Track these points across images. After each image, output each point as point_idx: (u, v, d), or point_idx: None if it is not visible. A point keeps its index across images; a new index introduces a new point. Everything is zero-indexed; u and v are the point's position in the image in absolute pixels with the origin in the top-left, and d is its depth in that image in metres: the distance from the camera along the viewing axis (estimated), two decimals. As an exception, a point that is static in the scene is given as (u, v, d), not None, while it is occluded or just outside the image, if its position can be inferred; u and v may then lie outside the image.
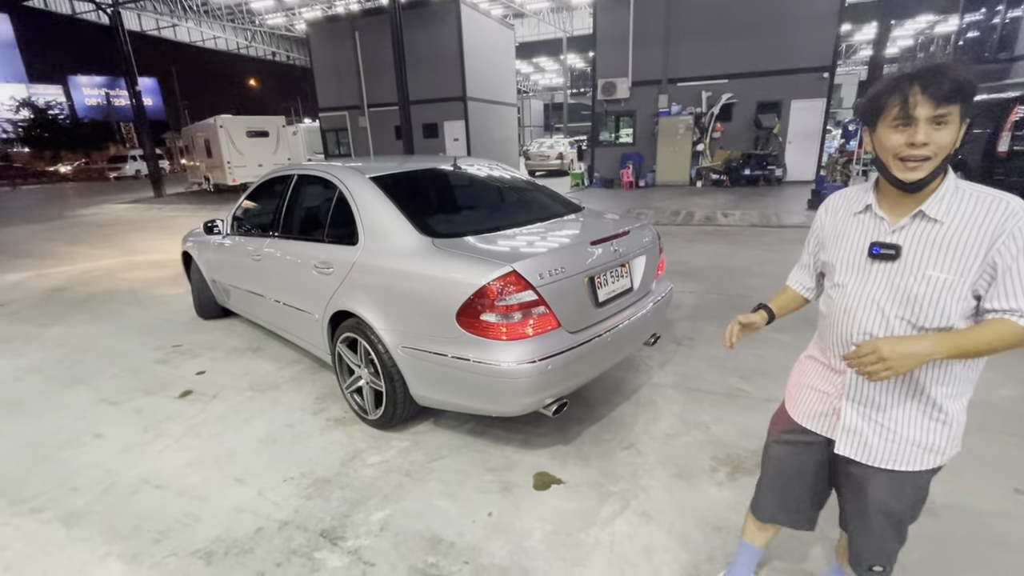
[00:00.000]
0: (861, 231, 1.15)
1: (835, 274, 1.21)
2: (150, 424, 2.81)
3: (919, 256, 1.06)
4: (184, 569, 1.83)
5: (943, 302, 1.04)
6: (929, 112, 0.97)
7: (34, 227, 10.87)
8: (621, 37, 13.63)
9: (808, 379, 1.33)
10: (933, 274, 1.04)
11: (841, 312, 1.18)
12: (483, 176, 3.21)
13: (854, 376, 1.17)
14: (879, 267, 1.11)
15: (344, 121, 18.10)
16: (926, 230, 1.05)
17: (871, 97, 1.04)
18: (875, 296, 1.12)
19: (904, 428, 1.14)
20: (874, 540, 1.26)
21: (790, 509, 1.42)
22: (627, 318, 2.53)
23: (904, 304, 1.08)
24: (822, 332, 1.28)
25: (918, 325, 1.07)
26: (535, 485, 2.23)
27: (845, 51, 32.28)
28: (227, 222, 3.78)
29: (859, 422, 1.18)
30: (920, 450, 1.14)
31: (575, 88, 39.02)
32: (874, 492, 1.20)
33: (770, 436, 1.43)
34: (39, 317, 4.77)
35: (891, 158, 1.03)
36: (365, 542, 1.94)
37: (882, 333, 1.11)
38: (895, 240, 1.09)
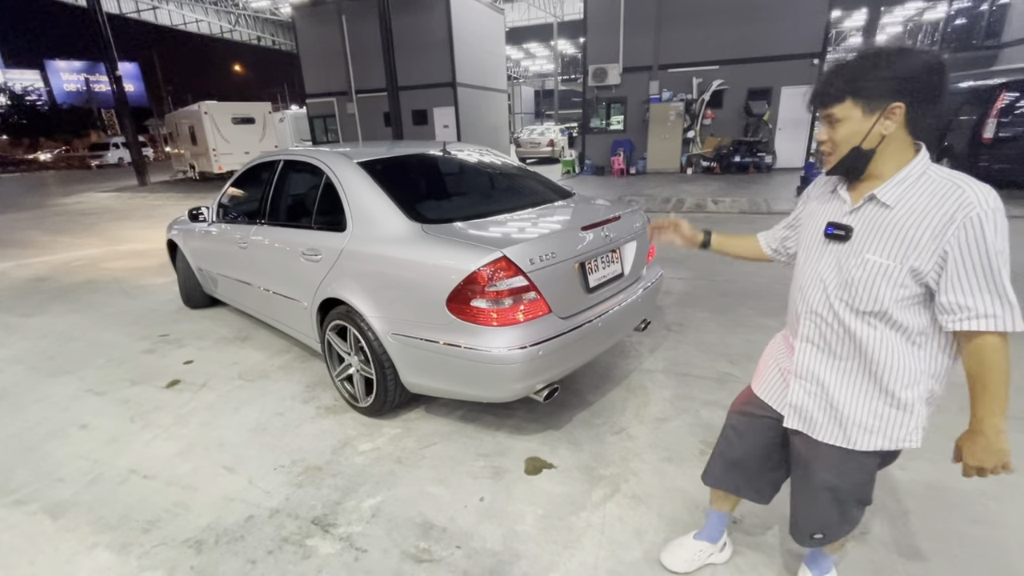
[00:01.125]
0: (825, 210, 1.20)
1: (799, 253, 1.28)
2: (137, 414, 2.78)
3: (864, 239, 1.09)
4: (174, 558, 1.82)
5: (877, 287, 1.06)
6: (821, 112, 1.09)
7: (14, 216, 10.62)
8: (612, 22, 13.49)
9: (775, 354, 1.40)
10: (871, 258, 1.07)
11: (797, 291, 1.24)
12: (473, 162, 3.18)
13: (802, 354, 1.23)
14: (831, 247, 1.15)
15: (332, 107, 17.81)
16: (876, 214, 1.08)
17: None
18: (823, 275, 1.16)
19: (850, 409, 1.17)
20: (816, 513, 1.30)
21: (735, 475, 1.49)
22: (618, 304, 2.53)
23: (844, 286, 1.12)
24: (788, 309, 1.34)
25: (854, 307, 1.11)
26: (527, 470, 2.25)
27: (835, 38, 32.27)
28: (212, 209, 3.71)
29: (805, 399, 1.23)
30: (865, 431, 1.17)
31: (566, 74, 38.70)
32: (818, 468, 1.24)
33: (731, 408, 1.51)
34: (20, 307, 4.67)
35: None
36: (357, 528, 1.94)
37: (825, 312, 1.16)
38: (849, 221, 1.12)
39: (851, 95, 1.03)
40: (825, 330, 1.17)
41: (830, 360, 1.18)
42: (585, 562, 1.75)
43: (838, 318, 1.14)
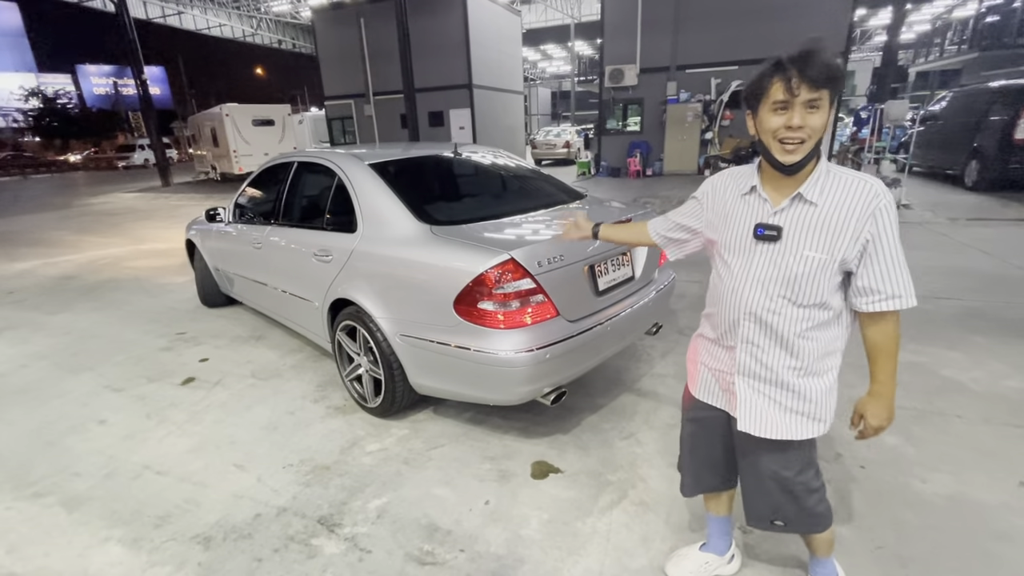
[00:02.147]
0: (747, 212, 1.20)
1: (724, 254, 1.26)
2: (153, 411, 2.83)
3: (798, 237, 1.13)
4: (183, 553, 1.85)
5: (818, 280, 1.12)
6: (805, 96, 1.03)
7: (44, 216, 10.97)
8: (629, 23, 13.39)
9: (701, 357, 1.40)
10: (810, 254, 1.11)
11: (730, 291, 1.23)
12: (484, 163, 3.18)
13: (743, 354, 1.24)
14: (763, 248, 1.17)
15: (350, 109, 18.02)
16: (804, 212, 1.12)
17: (754, 82, 1.10)
18: (760, 276, 1.18)
19: (792, 400, 1.22)
20: (769, 500, 1.34)
21: (707, 478, 1.52)
22: (628, 307, 2.50)
23: (785, 283, 1.15)
24: (711, 311, 1.34)
25: (797, 302, 1.15)
26: (533, 474, 2.23)
27: (859, 37, 31.56)
28: (229, 210, 3.77)
29: (752, 396, 1.25)
30: (804, 418, 1.23)
31: (583, 76, 38.58)
32: (763, 459, 1.30)
33: (682, 416, 1.53)
34: (46, 305, 4.82)
35: (772, 140, 1.09)
36: (362, 529, 1.94)
37: (765, 311, 1.18)
38: (777, 221, 1.15)
39: (829, 85, 1.04)
40: (767, 328, 1.19)
41: (774, 354, 1.21)
42: (590, 569, 1.73)
43: (779, 314, 1.17)
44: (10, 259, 6.83)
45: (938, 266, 4.87)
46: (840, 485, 2.07)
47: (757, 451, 1.30)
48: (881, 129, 8.05)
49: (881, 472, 2.14)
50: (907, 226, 6.69)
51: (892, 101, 7.65)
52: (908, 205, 7.89)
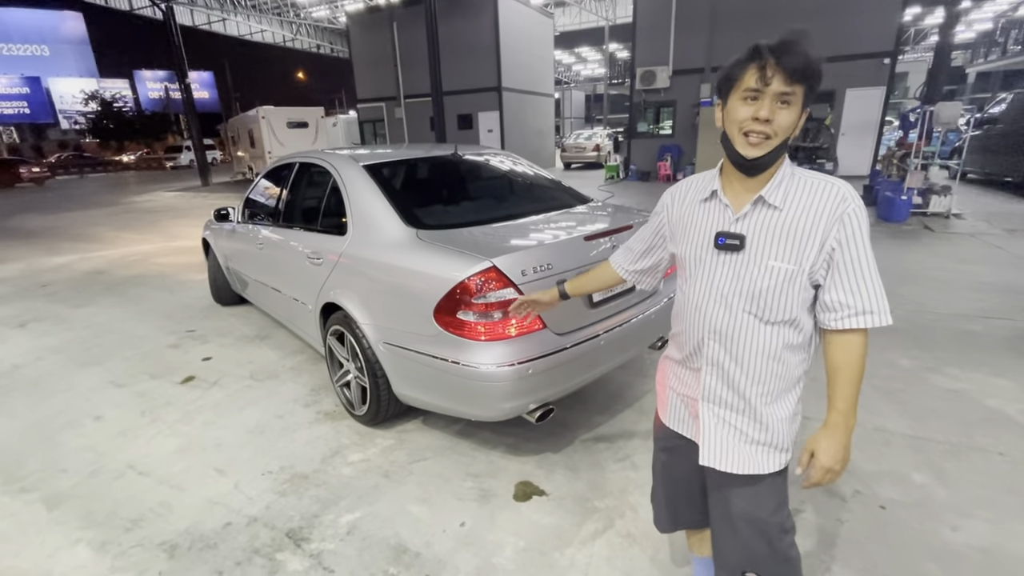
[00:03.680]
0: (707, 220, 1.10)
1: (685, 268, 1.16)
2: (148, 408, 2.85)
3: (761, 246, 1.02)
4: (146, 561, 1.81)
5: (786, 294, 1.02)
6: (778, 87, 0.94)
7: (90, 213, 11.55)
8: (662, 23, 13.08)
9: (669, 381, 1.28)
10: (775, 264, 1.01)
11: (693, 309, 1.13)
12: (485, 166, 3.07)
13: (708, 376, 1.13)
14: (725, 258, 1.06)
15: (381, 112, 18.32)
16: (767, 218, 1.02)
17: (727, 68, 1.01)
18: (722, 289, 1.07)
19: (756, 431, 1.10)
20: (741, 546, 1.19)
21: (686, 513, 1.38)
22: (626, 320, 2.34)
23: (750, 298, 1.04)
24: (677, 330, 1.22)
25: (764, 319, 1.04)
26: (516, 495, 2.10)
27: (913, 36, 29.93)
28: (238, 209, 3.80)
29: (715, 425, 1.13)
30: (767, 448, 1.11)
31: (618, 79, 38.08)
32: (733, 497, 1.16)
33: (655, 444, 1.39)
34: (74, 298, 5.00)
35: (736, 132, 1.00)
36: (329, 546, 1.86)
37: (730, 329, 1.07)
38: (739, 229, 1.04)
39: (804, 81, 0.94)
40: (732, 347, 1.08)
41: (738, 378, 1.09)
42: (561, 608, 1.58)
43: (745, 332, 1.06)
44: (51, 253, 7.17)
45: (991, 282, 4.46)
46: (855, 527, 1.85)
47: (725, 487, 1.17)
48: (931, 133, 7.51)
49: (905, 515, 1.91)
50: (957, 237, 6.20)
51: (943, 103, 7.12)
52: (960, 215, 7.33)
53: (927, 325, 3.48)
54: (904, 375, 2.92)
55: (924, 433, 2.40)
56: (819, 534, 1.83)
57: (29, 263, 6.59)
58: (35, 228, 9.52)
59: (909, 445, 2.32)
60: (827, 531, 1.84)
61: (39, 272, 6.09)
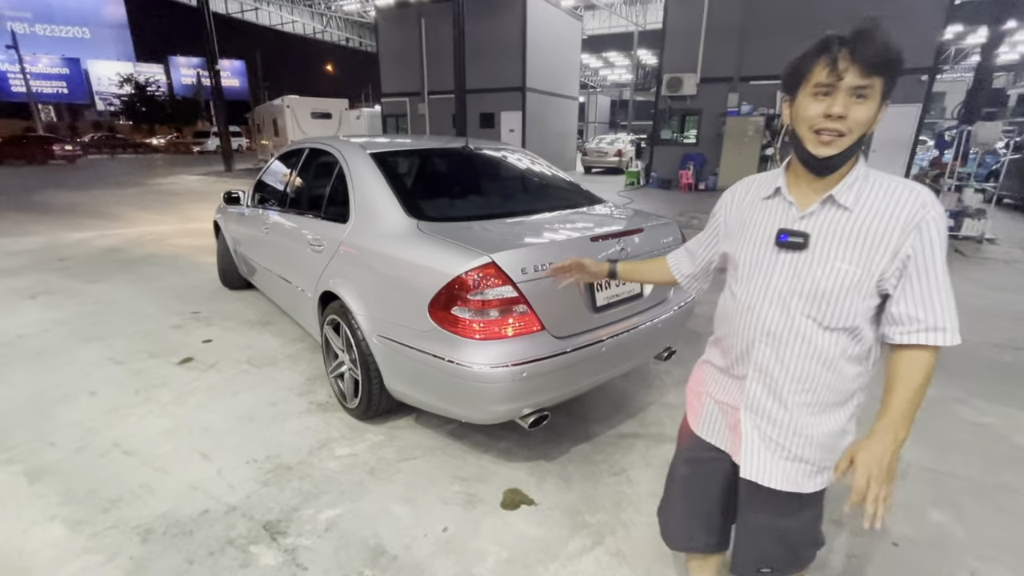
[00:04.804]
0: (769, 217, 1.04)
1: (739, 267, 1.09)
2: (143, 387, 2.82)
3: (828, 247, 0.95)
4: (119, 544, 1.76)
5: (850, 299, 0.95)
6: (853, 81, 0.87)
7: (115, 192, 11.78)
8: (692, 30, 12.88)
9: (706, 387, 1.21)
10: (842, 267, 0.94)
11: (745, 310, 1.05)
12: (496, 161, 2.99)
13: (754, 384, 1.06)
14: (786, 257, 1.00)
15: (404, 107, 18.40)
16: (835, 218, 0.96)
17: (795, 61, 0.95)
18: (780, 290, 1.00)
19: (801, 448, 1.04)
20: (763, 551, 1.17)
21: (700, 535, 1.30)
22: (631, 327, 2.23)
23: (810, 300, 0.97)
24: (721, 334, 1.15)
25: (824, 324, 0.98)
26: (503, 503, 2.01)
27: (954, 55, 29.08)
28: (248, 193, 3.78)
29: (757, 438, 1.07)
30: (813, 468, 1.05)
31: (645, 86, 37.75)
32: (767, 510, 1.12)
33: (676, 454, 1.32)
34: (88, 273, 5.05)
35: (807, 130, 0.93)
36: (305, 541, 1.79)
37: (784, 332, 1.00)
38: (803, 227, 0.98)
39: (883, 72, 0.87)
40: (783, 352, 1.01)
41: (786, 389, 1.03)
42: (539, 628, 1.49)
43: (802, 338, 0.99)
44: (73, 229, 7.30)
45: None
46: (865, 565, 1.72)
47: (763, 501, 1.12)
48: (967, 154, 7.23)
49: (919, 555, 1.77)
50: (991, 263, 5.94)
51: (982, 123, 6.83)
52: (994, 240, 7.03)
53: (955, 353, 3.28)
54: (927, 403, 2.73)
55: (945, 467, 2.24)
56: (826, 571, 1.70)
57: (50, 237, 6.71)
58: (61, 204, 9.73)
59: (928, 478, 2.17)
60: (834, 568, 1.72)
61: (58, 246, 6.19)
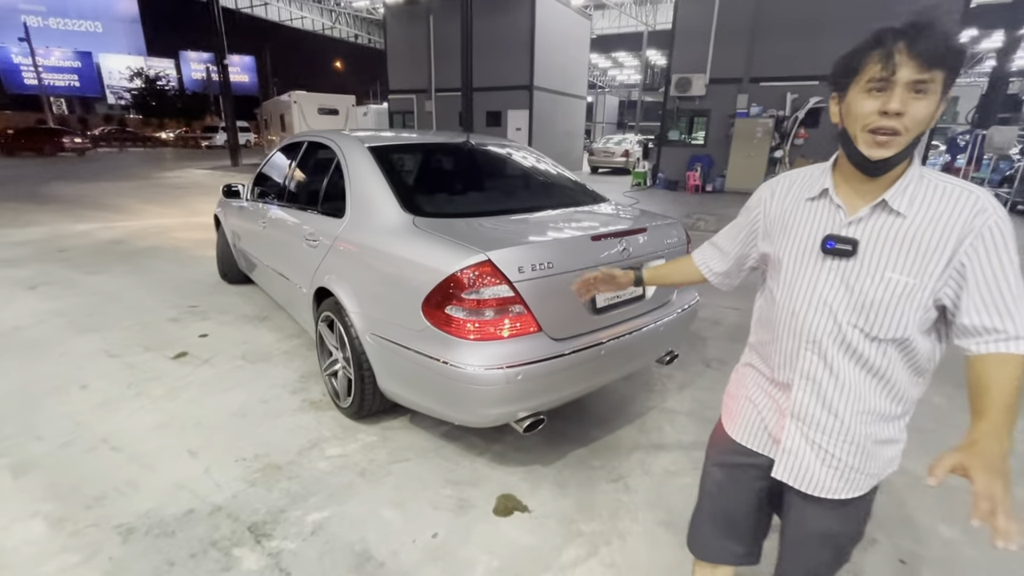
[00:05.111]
0: (814, 221, 0.98)
1: (780, 270, 1.03)
2: (136, 381, 2.79)
3: (878, 254, 0.90)
4: (100, 543, 1.71)
5: (901, 310, 0.90)
6: (911, 75, 0.80)
7: (121, 184, 11.80)
8: (702, 30, 12.76)
9: (747, 391, 1.16)
10: (893, 276, 0.89)
11: (789, 315, 1.01)
12: (497, 157, 2.92)
13: (801, 392, 1.01)
14: (832, 264, 0.95)
15: (412, 104, 18.36)
16: (887, 224, 0.90)
17: (846, 55, 0.88)
18: (827, 298, 0.95)
19: (852, 456, 1.00)
20: (810, 560, 1.12)
21: (726, 544, 1.24)
22: (632, 330, 2.16)
23: (859, 310, 0.92)
24: (763, 339, 1.11)
25: (871, 334, 0.93)
26: (496, 509, 1.95)
27: (969, 59, 28.64)
28: (248, 187, 3.73)
29: (802, 445, 1.03)
30: (864, 476, 1.02)
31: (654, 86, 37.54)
32: (815, 519, 1.07)
33: (708, 459, 1.27)
34: (89, 264, 5.03)
35: (859, 130, 0.87)
36: (290, 545, 1.74)
37: (832, 341, 0.96)
38: (852, 233, 0.92)
39: (943, 65, 0.80)
40: (832, 362, 0.97)
41: (836, 398, 0.98)
42: (528, 642, 1.43)
43: (849, 347, 0.95)
44: (76, 220, 7.30)
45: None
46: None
47: (806, 507, 1.07)
48: (980, 158, 7.10)
49: (928, 573, 1.70)
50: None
51: (997, 127, 6.70)
52: (1006, 247, 6.89)
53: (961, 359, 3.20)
54: (937, 413, 2.68)
55: (955, 481, 2.15)
56: (828, 586, 1.63)
57: (54, 228, 6.71)
58: (67, 195, 9.76)
59: (937, 492, 2.09)
60: (837, 584, 1.64)
61: (61, 237, 6.19)
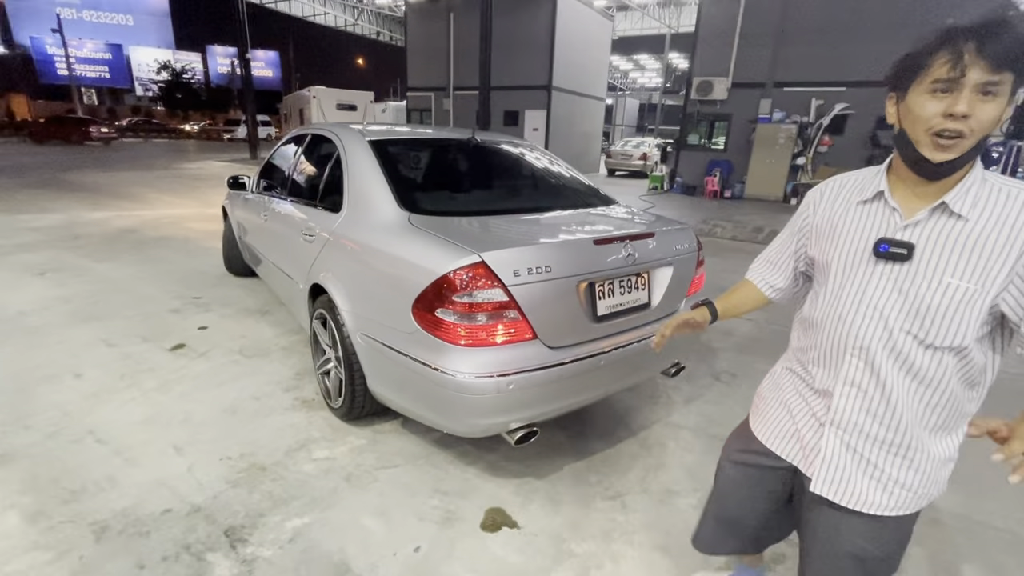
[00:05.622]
0: (866, 223, 0.96)
1: (828, 274, 1.01)
2: (129, 372, 2.75)
3: (936, 259, 0.88)
4: (71, 541, 1.66)
5: (960, 317, 0.86)
6: (980, 76, 0.77)
7: (142, 174, 11.99)
8: (726, 32, 12.50)
9: (783, 394, 1.13)
10: (952, 281, 0.86)
11: (835, 320, 0.98)
12: (502, 154, 2.83)
13: (844, 400, 0.98)
14: (884, 268, 0.92)
15: (430, 102, 18.36)
16: (947, 227, 0.87)
17: (909, 54, 0.85)
18: (877, 303, 0.93)
19: (898, 469, 0.97)
20: None
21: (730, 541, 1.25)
22: (636, 340, 2.05)
23: (912, 316, 0.89)
24: (804, 344, 1.08)
25: (926, 342, 0.89)
26: (484, 523, 1.85)
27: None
28: (253, 179, 3.70)
29: (843, 455, 1.00)
30: (908, 492, 0.98)
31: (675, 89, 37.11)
32: (849, 536, 1.03)
33: (725, 454, 1.26)
34: (100, 253, 5.06)
35: (922, 132, 0.83)
36: (266, 552, 1.66)
37: (881, 347, 0.93)
38: (907, 237, 0.89)
39: (1014, 68, 0.77)
40: (880, 369, 0.93)
41: (881, 406, 0.95)
42: (506, 674, 1.33)
43: (899, 354, 0.91)
44: (93, 208, 7.40)
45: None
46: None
47: (838, 521, 1.03)
48: (1015, 170, 6.80)
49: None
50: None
51: (1034, 138, 6.41)
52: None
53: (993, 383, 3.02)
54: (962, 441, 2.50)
55: (980, 515, 2.00)
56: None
57: (70, 215, 6.80)
58: (88, 183, 9.92)
59: (961, 528, 1.94)
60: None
61: (76, 224, 6.26)
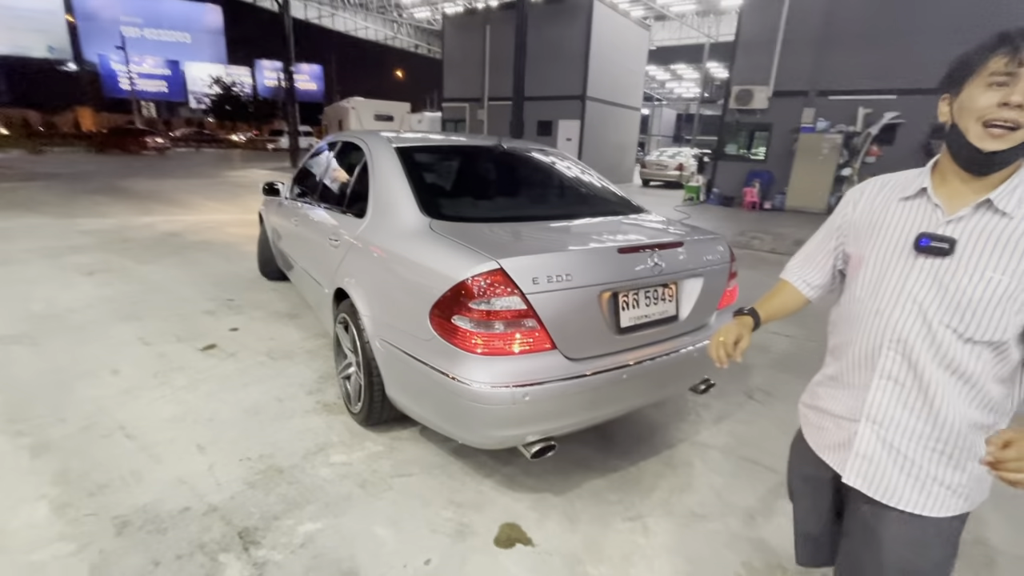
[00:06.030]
0: (908, 219, 0.96)
1: (866, 270, 1.00)
2: (162, 370, 2.84)
3: (979, 254, 0.88)
4: (94, 533, 1.70)
5: (1000, 311, 0.86)
6: None
7: (190, 181, 12.60)
8: (767, 39, 12.17)
9: (822, 401, 1.13)
10: (995, 276, 0.86)
11: (872, 315, 0.98)
12: (529, 161, 2.79)
13: (880, 393, 0.97)
14: (924, 263, 0.92)
15: (464, 112, 18.63)
16: (990, 224, 0.88)
17: (966, 54, 0.87)
18: (916, 296, 0.92)
19: (934, 464, 0.95)
20: None
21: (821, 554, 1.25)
22: (661, 353, 1.96)
23: (952, 310, 0.89)
24: (838, 341, 1.08)
25: (966, 336, 0.88)
26: (497, 539, 1.79)
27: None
28: (288, 185, 3.79)
29: (876, 447, 0.98)
30: (947, 491, 0.95)
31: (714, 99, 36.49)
32: (890, 542, 0.98)
33: (788, 468, 1.29)
34: (144, 255, 5.31)
35: (974, 122, 0.84)
36: (277, 556, 1.65)
37: (920, 340, 0.92)
38: (950, 232, 0.90)
39: None
40: (917, 362, 0.93)
41: (919, 401, 0.94)
42: None
43: (938, 348, 0.91)
44: (142, 212, 7.80)
45: None
46: None
47: (878, 525, 0.99)
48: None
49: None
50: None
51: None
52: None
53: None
54: None
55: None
56: None
57: (122, 220, 7.17)
58: (140, 190, 10.49)
59: (1019, 569, 1.75)
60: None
61: (126, 228, 6.60)
